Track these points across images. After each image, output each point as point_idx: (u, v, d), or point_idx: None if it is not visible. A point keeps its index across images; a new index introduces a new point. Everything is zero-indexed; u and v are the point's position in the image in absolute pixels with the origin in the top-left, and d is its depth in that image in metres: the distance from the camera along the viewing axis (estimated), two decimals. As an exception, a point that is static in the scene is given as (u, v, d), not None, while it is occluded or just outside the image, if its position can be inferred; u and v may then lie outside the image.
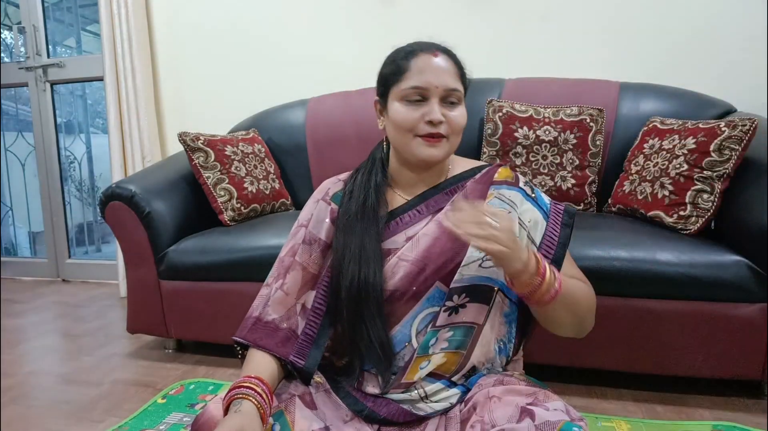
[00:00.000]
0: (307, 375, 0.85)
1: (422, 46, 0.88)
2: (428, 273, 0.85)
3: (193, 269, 1.66)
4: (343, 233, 0.89)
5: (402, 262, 0.86)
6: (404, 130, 0.86)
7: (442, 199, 0.91)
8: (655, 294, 1.31)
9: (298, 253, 0.92)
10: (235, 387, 0.77)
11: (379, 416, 0.82)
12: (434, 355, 0.84)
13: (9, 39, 3.10)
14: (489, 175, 0.93)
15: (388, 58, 0.91)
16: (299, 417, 0.78)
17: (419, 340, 0.85)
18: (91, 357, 1.81)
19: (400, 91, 0.86)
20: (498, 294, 0.85)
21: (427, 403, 0.84)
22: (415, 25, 2.18)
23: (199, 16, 2.48)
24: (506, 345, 0.88)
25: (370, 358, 0.85)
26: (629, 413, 1.31)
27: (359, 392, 0.86)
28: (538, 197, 0.93)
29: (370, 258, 0.85)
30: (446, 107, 0.86)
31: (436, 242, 0.86)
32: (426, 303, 0.85)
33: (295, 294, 0.90)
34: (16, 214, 3.29)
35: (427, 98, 0.85)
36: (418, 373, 0.84)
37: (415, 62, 0.86)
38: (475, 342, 0.85)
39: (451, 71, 0.86)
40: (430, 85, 0.84)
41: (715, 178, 1.38)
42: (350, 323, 0.84)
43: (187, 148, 1.83)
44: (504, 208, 0.87)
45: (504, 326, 0.87)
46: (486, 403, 0.75)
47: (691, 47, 1.94)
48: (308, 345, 0.87)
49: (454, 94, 0.86)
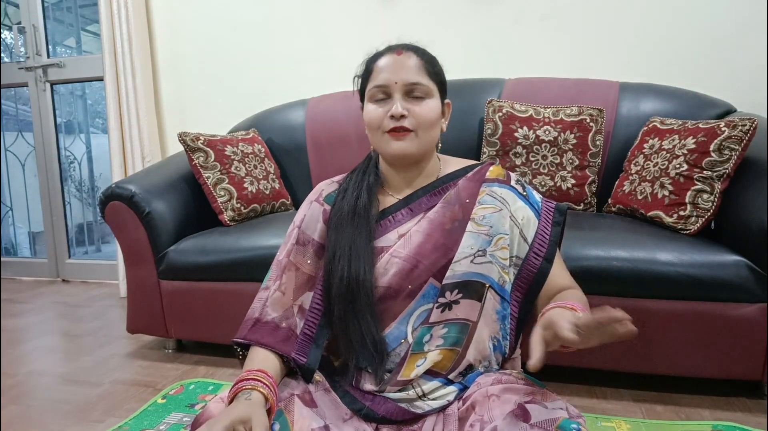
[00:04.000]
0: (309, 372, 0.85)
1: (390, 47, 0.92)
2: (421, 270, 0.86)
3: (193, 269, 1.66)
4: (334, 231, 0.90)
5: (394, 259, 0.87)
6: (373, 128, 0.89)
7: (433, 197, 0.92)
8: (655, 295, 1.31)
9: (292, 254, 0.93)
10: (241, 380, 0.77)
11: (377, 415, 0.83)
12: (430, 352, 0.84)
13: (9, 39, 3.10)
14: (481, 173, 0.94)
15: (362, 63, 0.95)
16: (299, 416, 0.78)
17: (415, 337, 0.85)
18: (91, 357, 1.81)
19: (368, 92, 0.90)
20: (489, 290, 0.86)
21: (424, 401, 0.84)
22: (415, 25, 2.18)
23: (199, 16, 2.48)
24: (500, 342, 0.88)
25: (363, 356, 0.85)
26: (629, 413, 1.31)
27: (357, 390, 0.86)
28: (529, 195, 0.94)
29: (360, 256, 0.86)
30: (411, 102, 0.87)
31: (428, 238, 0.87)
32: (422, 300, 0.86)
33: (291, 294, 0.90)
34: (16, 214, 3.29)
35: (391, 95, 0.87)
36: (415, 371, 0.84)
37: (379, 62, 0.90)
38: (470, 340, 0.85)
39: (414, 67, 0.88)
40: (389, 82, 0.87)
41: (715, 178, 1.38)
42: (341, 320, 0.85)
43: (187, 148, 1.83)
44: (495, 204, 0.89)
45: (497, 323, 0.87)
46: (485, 402, 0.75)
47: (691, 47, 1.94)
48: (308, 344, 0.87)
49: (417, 87, 0.87)
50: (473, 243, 0.86)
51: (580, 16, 2.04)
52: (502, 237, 0.87)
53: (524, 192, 0.93)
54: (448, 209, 0.90)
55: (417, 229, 0.88)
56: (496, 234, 0.87)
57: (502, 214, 0.88)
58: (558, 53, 2.08)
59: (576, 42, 2.06)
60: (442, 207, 0.90)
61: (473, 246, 0.86)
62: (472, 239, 0.86)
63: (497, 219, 0.88)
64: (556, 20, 2.07)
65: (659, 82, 1.88)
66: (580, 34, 2.05)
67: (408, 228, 0.90)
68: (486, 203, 0.89)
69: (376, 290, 0.86)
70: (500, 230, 0.87)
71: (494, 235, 0.87)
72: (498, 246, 0.87)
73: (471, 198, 0.90)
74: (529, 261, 0.89)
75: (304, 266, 0.92)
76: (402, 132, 0.87)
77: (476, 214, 0.88)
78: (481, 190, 0.91)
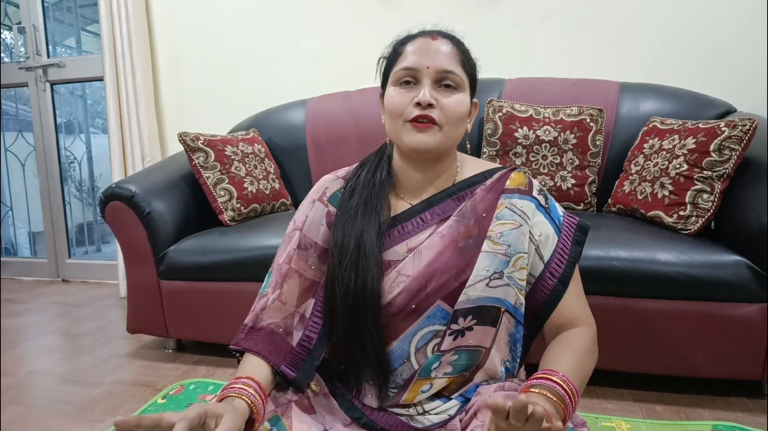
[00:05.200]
0: (298, 387, 0.81)
1: (423, 31, 0.84)
2: (429, 291, 0.79)
3: (193, 269, 1.66)
4: (341, 233, 0.82)
5: (401, 277, 0.79)
6: (395, 115, 0.80)
7: (448, 206, 0.84)
8: (655, 294, 1.31)
9: (293, 260, 0.85)
10: (228, 387, 0.74)
11: (377, 426, 0.80)
12: (437, 379, 0.80)
13: (9, 39, 3.10)
14: (500, 182, 0.85)
15: (389, 45, 0.87)
16: (297, 422, 0.76)
17: (418, 358, 0.80)
18: (91, 357, 1.81)
19: (393, 74, 0.81)
20: (504, 314, 0.80)
21: (425, 416, 0.81)
22: (415, 25, 2.18)
23: (199, 16, 2.48)
24: (512, 364, 0.84)
25: (365, 371, 0.81)
26: (629, 413, 1.31)
27: (358, 401, 0.83)
28: (551, 208, 0.85)
29: (369, 263, 0.79)
30: (441, 92, 0.79)
31: (438, 257, 0.80)
32: (426, 320, 0.79)
33: (294, 302, 0.84)
34: (16, 214, 3.29)
35: (419, 80, 0.79)
36: (419, 396, 0.80)
37: (411, 44, 0.82)
38: (480, 365, 0.81)
39: (449, 55, 0.80)
40: (421, 65, 0.78)
41: (715, 178, 1.38)
42: (345, 333, 0.80)
43: (187, 148, 1.83)
44: (515, 220, 0.81)
45: (508, 346, 0.83)
46: (487, 408, 0.73)
47: (691, 47, 1.95)
48: (303, 357, 0.82)
49: (449, 76, 0.79)
50: (489, 264, 0.78)
51: (580, 16, 2.04)
52: (521, 257, 0.80)
53: (546, 204, 0.85)
54: (462, 224, 0.81)
55: (427, 245, 0.80)
56: (515, 253, 0.80)
57: (521, 230, 0.80)
58: (558, 53, 2.08)
59: (576, 42, 2.06)
60: (456, 221, 0.82)
61: (489, 267, 0.78)
62: (488, 260, 0.78)
63: (516, 236, 0.80)
64: (556, 20, 2.07)
65: (659, 82, 1.88)
66: (580, 34, 2.05)
67: (418, 241, 0.82)
68: (505, 218, 0.81)
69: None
70: (519, 249, 0.80)
71: (513, 255, 0.79)
72: (516, 266, 0.80)
73: (488, 212, 0.82)
74: (542, 281, 0.82)
75: (307, 272, 0.85)
76: (426, 123, 0.78)
77: (493, 231, 0.80)
78: (499, 203, 0.82)
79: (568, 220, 0.86)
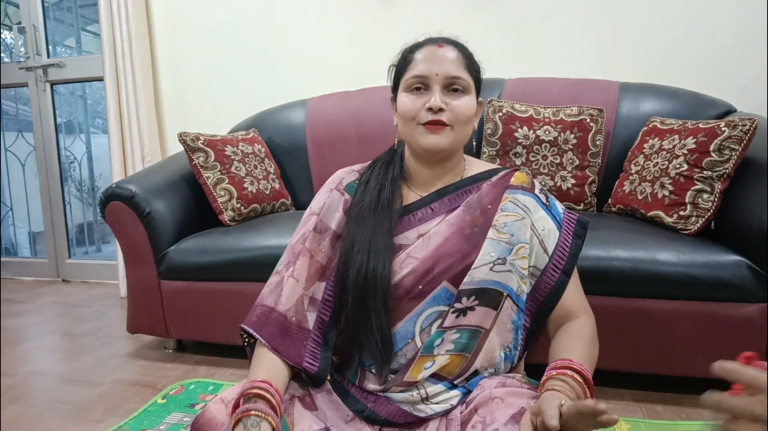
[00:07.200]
0: (320, 381, 0.85)
1: (430, 39, 0.90)
2: (436, 273, 0.84)
3: (194, 269, 1.66)
4: (354, 223, 0.88)
5: (410, 259, 0.85)
6: (408, 119, 0.87)
7: (456, 198, 0.91)
8: (655, 294, 1.31)
9: (308, 240, 0.91)
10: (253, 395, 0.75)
11: (380, 417, 0.82)
12: (439, 356, 0.83)
13: (9, 39, 3.10)
14: (505, 179, 0.92)
15: (398, 53, 0.93)
16: (299, 419, 0.78)
17: (423, 338, 0.84)
18: (91, 357, 1.81)
19: (405, 82, 0.88)
20: (507, 300, 0.84)
21: (427, 405, 0.83)
22: (415, 26, 2.17)
23: (199, 16, 2.48)
24: (512, 352, 0.87)
25: (369, 352, 0.84)
26: (629, 413, 1.31)
27: (359, 390, 0.85)
28: (552, 205, 0.92)
29: (379, 250, 0.84)
30: (450, 95, 0.86)
31: (446, 242, 0.86)
32: (432, 301, 0.84)
33: (303, 282, 0.88)
34: (16, 214, 3.29)
35: (429, 87, 0.86)
36: (422, 373, 0.83)
37: (419, 53, 0.88)
38: (480, 347, 0.84)
39: (455, 61, 0.86)
40: (430, 73, 0.85)
41: (715, 178, 1.38)
42: (354, 314, 0.84)
43: (187, 148, 1.83)
44: (518, 212, 0.87)
45: (510, 333, 0.86)
46: (488, 404, 0.74)
47: (690, 47, 1.95)
48: (318, 343, 0.86)
49: (457, 81, 0.86)
50: (493, 250, 0.84)
51: (580, 16, 2.04)
52: (522, 247, 0.86)
53: (547, 202, 0.92)
54: (469, 214, 0.88)
55: (436, 231, 0.87)
56: (517, 243, 0.85)
57: (523, 222, 0.87)
58: (558, 53, 2.08)
59: (576, 42, 2.06)
60: (463, 211, 0.88)
61: (493, 253, 0.84)
62: (492, 246, 0.84)
63: (519, 227, 0.86)
64: (556, 20, 2.07)
65: (659, 82, 1.88)
66: (580, 34, 2.05)
67: (428, 228, 0.88)
68: (508, 210, 0.87)
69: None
70: (521, 239, 0.86)
71: (515, 244, 0.85)
72: (518, 255, 0.85)
73: (493, 204, 0.88)
74: (547, 273, 0.87)
75: (318, 254, 0.90)
76: (439, 125, 0.85)
77: (498, 221, 0.86)
78: (504, 197, 0.89)
79: (568, 216, 0.93)
